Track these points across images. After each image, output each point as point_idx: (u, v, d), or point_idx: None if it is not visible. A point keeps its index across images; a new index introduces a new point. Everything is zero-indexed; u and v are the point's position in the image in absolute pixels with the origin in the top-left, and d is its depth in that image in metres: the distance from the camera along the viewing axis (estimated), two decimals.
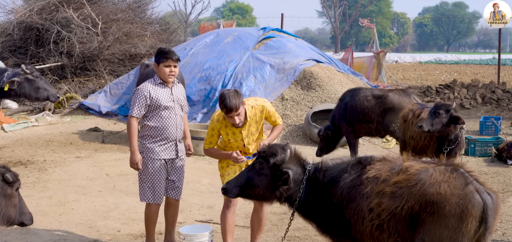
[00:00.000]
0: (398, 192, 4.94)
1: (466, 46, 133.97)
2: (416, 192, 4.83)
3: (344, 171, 5.39)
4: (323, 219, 5.53)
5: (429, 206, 4.76)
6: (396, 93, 11.94)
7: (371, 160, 5.36)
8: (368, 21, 31.78)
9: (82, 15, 22.47)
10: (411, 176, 4.95)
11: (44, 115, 17.64)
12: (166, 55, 7.04)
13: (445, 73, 40.34)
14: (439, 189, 4.77)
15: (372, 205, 5.05)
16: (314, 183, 5.58)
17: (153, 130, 7.06)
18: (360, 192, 5.17)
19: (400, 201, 4.90)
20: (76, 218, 8.66)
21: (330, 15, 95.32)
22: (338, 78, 17.27)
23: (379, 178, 5.10)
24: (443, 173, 4.88)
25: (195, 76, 17.33)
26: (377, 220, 5.01)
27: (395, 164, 5.19)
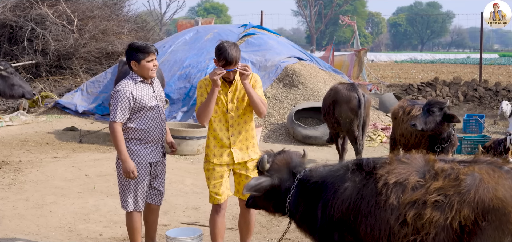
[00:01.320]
0: (444, 200, 4.34)
1: (439, 46, 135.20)
2: (471, 200, 4.27)
3: (343, 179, 4.78)
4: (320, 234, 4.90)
5: (489, 214, 4.25)
6: (343, 86, 11.77)
7: (376, 163, 4.74)
8: (349, 19, 31.63)
9: (57, 12, 21.97)
10: (460, 182, 4.37)
11: (18, 115, 17.14)
12: (146, 49, 6.36)
13: (422, 72, 40.44)
14: (496, 193, 4.27)
15: (407, 217, 4.40)
16: (304, 191, 5.04)
17: (138, 132, 6.42)
18: (378, 204, 4.53)
19: (450, 211, 4.32)
20: (55, 221, 8.24)
21: (305, 14, 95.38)
22: (320, 75, 17.02)
23: (405, 184, 4.48)
24: (491, 174, 4.37)
25: (174, 74, 16.97)
26: (416, 235, 4.39)
27: (418, 165, 4.60)
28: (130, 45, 6.50)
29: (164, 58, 17.69)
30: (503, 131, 16.33)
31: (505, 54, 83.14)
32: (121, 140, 6.30)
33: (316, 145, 14.37)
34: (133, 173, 6.32)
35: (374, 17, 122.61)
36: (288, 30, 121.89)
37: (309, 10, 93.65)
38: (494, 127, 17.38)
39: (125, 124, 6.40)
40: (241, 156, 6.43)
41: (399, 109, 10.01)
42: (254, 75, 6.45)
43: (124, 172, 6.34)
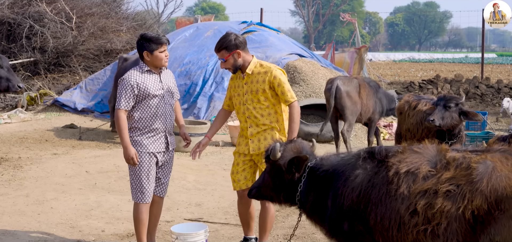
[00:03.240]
0: (456, 190, 4.24)
1: (437, 45, 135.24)
2: (484, 189, 4.17)
3: (354, 167, 4.68)
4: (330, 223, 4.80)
5: (502, 203, 4.14)
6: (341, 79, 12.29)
7: (388, 151, 4.62)
8: (349, 16, 31.50)
9: (56, 9, 21.81)
10: (472, 170, 4.25)
11: (16, 112, 17.01)
12: (159, 40, 6.33)
13: (421, 71, 40.35)
14: (510, 181, 4.16)
15: (417, 207, 4.32)
16: (315, 180, 4.95)
17: (141, 122, 6.38)
18: (389, 193, 4.44)
19: (462, 200, 4.21)
20: (56, 218, 8.09)
21: (303, 14, 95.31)
22: (322, 72, 16.87)
23: (416, 173, 4.38)
24: (504, 162, 4.26)
25: (174, 71, 16.81)
26: (427, 225, 4.30)
27: (430, 155, 4.48)
28: (142, 36, 6.48)
29: None
30: (506, 128, 16.25)
31: (503, 54, 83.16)
32: (124, 127, 6.31)
33: (318, 142, 14.13)
34: (134, 159, 6.30)
35: (372, 17, 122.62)
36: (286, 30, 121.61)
37: (307, 10, 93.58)
38: (496, 124, 17.29)
39: (130, 113, 6.38)
40: (258, 146, 6.43)
41: (405, 104, 9.86)
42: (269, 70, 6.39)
43: (125, 158, 6.37)
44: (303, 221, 5.49)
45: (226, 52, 6.30)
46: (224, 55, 6.31)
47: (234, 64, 6.35)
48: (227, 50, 6.30)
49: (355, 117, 12.14)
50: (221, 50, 6.32)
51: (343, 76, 13.26)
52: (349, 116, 11.96)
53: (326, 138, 14.27)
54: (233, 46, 6.29)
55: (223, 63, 6.36)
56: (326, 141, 14.28)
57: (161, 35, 6.52)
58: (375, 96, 12.38)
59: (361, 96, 12.12)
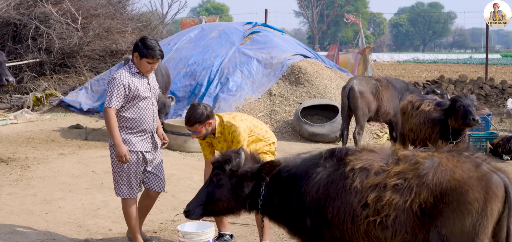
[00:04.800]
0: (403, 184, 4.46)
1: (441, 46, 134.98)
2: (430, 182, 4.37)
3: (316, 166, 4.88)
4: (294, 221, 4.97)
5: (447, 195, 4.33)
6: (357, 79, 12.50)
7: (348, 150, 4.87)
8: (354, 17, 31.52)
9: (61, 10, 21.90)
10: (419, 165, 4.48)
11: (23, 113, 17.11)
12: (152, 52, 6.52)
13: (425, 72, 40.29)
14: (454, 175, 4.36)
15: (367, 200, 4.53)
16: (278, 183, 5.06)
17: (130, 121, 6.60)
18: (345, 187, 4.66)
19: (409, 193, 4.42)
20: (63, 217, 8.17)
21: (307, 15, 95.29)
22: (326, 73, 16.94)
23: (369, 169, 4.62)
24: (450, 158, 4.49)
25: (179, 72, 16.92)
26: (376, 217, 4.51)
27: (384, 153, 4.75)
28: (142, 39, 6.68)
29: (169, 56, 17.64)
30: (510, 128, 16.28)
31: (507, 54, 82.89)
32: (114, 125, 6.49)
33: (323, 142, 14.30)
34: (126, 157, 6.48)
35: (376, 18, 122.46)
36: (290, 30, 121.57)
37: (311, 11, 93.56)
38: (501, 124, 17.30)
39: (119, 113, 6.58)
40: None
41: (408, 104, 9.94)
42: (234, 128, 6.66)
43: (117, 156, 6.51)
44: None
45: (199, 125, 6.52)
46: (197, 128, 6.53)
47: (205, 134, 6.63)
48: (200, 123, 6.51)
49: (366, 119, 12.20)
50: (194, 125, 6.51)
51: (362, 77, 13.34)
52: (361, 118, 12.03)
53: (331, 139, 14.34)
54: (204, 119, 6.50)
55: (196, 134, 6.59)
56: (330, 141, 14.35)
57: (159, 48, 6.63)
58: (398, 98, 12.14)
59: (380, 98, 12.08)
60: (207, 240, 6.59)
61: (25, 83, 20.62)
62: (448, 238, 4.34)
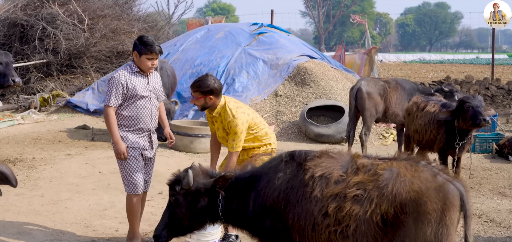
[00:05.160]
0: (363, 194, 4.51)
1: (448, 46, 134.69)
2: (389, 194, 4.44)
3: (276, 170, 4.93)
4: (254, 224, 5.03)
5: (407, 206, 4.41)
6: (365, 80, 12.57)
7: (307, 155, 4.90)
8: (360, 17, 31.52)
9: (68, 11, 21.98)
10: (378, 176, 4.54)
11: (30, 114, 17.17)
12: (150, 47, 6.67)
13: (431, 72, 40.27)
14: (412, 186, 4.44)
15: (328, 210, 4.58)
16: (237, 189, 5.12)
17: (127, 120, 6.76)
18: (305, 195, 4.70)
19: (369, 204, 4.48)
20: (70, 217, 8.22)
21: (313, 15, 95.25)
22: (332, 74, 16.96)
23: (329, 178, 4.66)
24: (408, 168, 4.56)
25: (186, 73, 16.97)
26: (337, 227, 4.56)
27: (344, 161, 4.78)
28: (139, 37, 6.86)
29: (175, 56, 17.69)
30: None
31: None
32: (113, 123, 6.66)
33: (329, 143, 14.32)
34: (124, 154, 6.65)
35: (382, 18, 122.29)
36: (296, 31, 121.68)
37: (317, 11, 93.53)
38: (507, 125, 17.30)
39: (117, 111, 6.74)
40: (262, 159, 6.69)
41: (413, 106, 9.96)
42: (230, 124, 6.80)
43: (115, 153, 6.71)
44: None
45: (200, 94, 6.71)
46: (197, 95, 6.72)
47: (203, 105, 6.81)
48: (201, 93, 6.70)
49: (373, 120, 12.24)
50: (196, 91, 6.72)
51: (370, 78, 13.35)
52: (368, 119, 12.07)
53: (337, 139, 14.37)
54: (207, 92, 6.68)
55: (194, 100, 6.80)
56: (336, 142, 14.37)
57: (156, 44, 6.78)
58: (407, 100, 11.98)
59: (388, 99, 12.11)
60: (213, 241, 6.64)
61: (32, 84, 20.71)
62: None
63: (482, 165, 12.16)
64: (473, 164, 11.74)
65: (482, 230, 8.05)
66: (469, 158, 10.63)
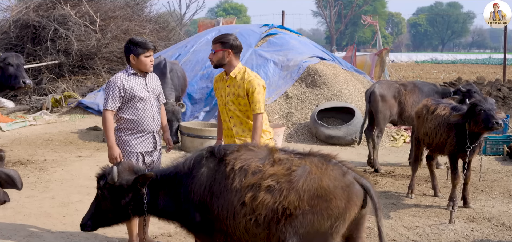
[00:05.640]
0: (276, 186, 4.83)
1: (460, 46, 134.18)
2: (299, 188, 4.76)
3: (200, 166, 5.18)
4: (185, 218, 5.26)
5: (312, 200, 4.75)
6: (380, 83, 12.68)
7: (227, 149, 5.18)
8: (371, 18, 31.48)
9: (80, 12, 22.10)
10: (291, 171, 4.86)
11: (42, 114, 17.27)
12: (145, 45, 6.80)
13: (443, 72, 40.17)
14: (321, 183, 4.77)
15: (245, 199, 4.88)
16: (162, 186, 5.34)
17: (129, 123, 6.81)
18: (226, 186, 4.99)
19: (279, 195, 4.80)
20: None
21: (325, 15, 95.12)
22: (343, 75, 16.94)
23: (247, 169, 4.96)
24: (320, 166, 4.88)
25: (196, 74, 17.00)
26: (252, 215, 4.87)
27: (262, 153, 5.10)
28: (129, 40, 6.94)
29: (186, 58, 17.72)
30: None
31: None
32: (110, 127, 6.71)
33: (339, 145, 14.31)
34: (117, 159, 6.63)
35: (394, 18, 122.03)
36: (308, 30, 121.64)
37: (329, 11, 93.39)
38: None
39: (117, 114, 6.80)
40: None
41: (423, 108, 9.90)
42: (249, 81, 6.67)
43: (109, 157, 6.74)
44: None
45: (219, 46, 6.65)
46: (217, 48, 6.66)
47: (220, 60, 6.68)
48: (221, 45, 6.64)
49: (386, 123, 12.25)
50: (216, 43, 6.68)
51: (386, 81, 13.39)
52: (381, 121, 12.10)
53: (347, 141, 14.35)
54: (228, 45, 6.63)
55: (212, 54, 6.69)
56: (347, 144, 14.36)
57: (148, 41, 6.90)
58: None
59: (404, 102, 12.14)
60: None
61: (44, 85, 20.82)
62: (304, 236, 4.73)
63: (493, 168, 12.12)
64: (484, 167, 11.70)
65: (492, 234, 8.03)
66: (480, 161, 10.59)
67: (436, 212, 8.97)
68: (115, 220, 5.53)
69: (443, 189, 10.18)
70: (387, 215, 8.75)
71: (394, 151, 13.79)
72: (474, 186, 10.46)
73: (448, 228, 8.15)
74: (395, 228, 8.16)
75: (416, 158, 10.12)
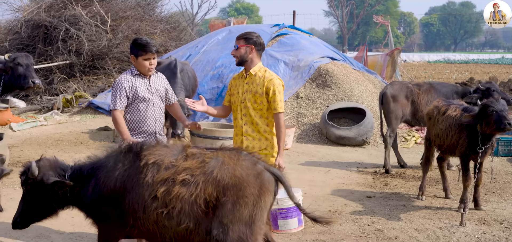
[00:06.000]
0: (191, 179, 5.02)
1: (473, 46, 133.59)
2: (213, 179, 4.97)
3: (117, 161, 5.35)
4: (95, 211, 5.46)
5: (228, 190, 4.95)
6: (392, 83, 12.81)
7: (143, 145, 5.37)
8: (382, 18, 31.37)
9: (91, 12, 22.15)
10: (204, 163, 5.07)
11: (52, 115, 17.31)
12: (144, 48, 6.73)
13: (455, 73, 39.99)
14: (235, 172, 4.99)
15: (157, 193, 5.06)
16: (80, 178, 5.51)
17: (130, 123, 6.80)
18: (139, 181, 5.17)
19: (195, 188, 4.99)
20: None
21: (337, 14, 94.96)
22: (354, 76, 16.86)
23: (160, 164, 5.16)
24: (232, 157, 5.10)
25: (207, 74, 16.97)
26: (164, 209, 5.04)
27: (176, 150, 5.29)
28: (134, 40, 6.94)
29: (196, 58, 17.70)
30: None
31: None
32: (122, 125, 6.70)
33: (350, 145, 14.26)
34: None
35: (406, 17, 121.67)
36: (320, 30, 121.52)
37: (341, 10, 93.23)
38: None
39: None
40: (252, 146, 6.75)
41: (434, 109, 9.83)
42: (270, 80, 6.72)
43: None
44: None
45: (243, 42, 6.75)
46: (240, 43, 6.75)
47: (243, 56, 6.78)
48: (245, 41, 6.74)
49: (398, 123, 12.24)
50: (240, 39, 6.77)
51: (399, 82, 13.40)
52: (392, 121, 12.18)
53: (358, 142, 14.29)
54: (251, 42, 6.74)
55: (235, 50, 6.78)
56: (357, 145, 14.30)
57: (152, 44, 6.84)
58: None
59: (417, 102, 12.15)
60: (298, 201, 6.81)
61: (55, 85, 20.87)
62: (228, 226, 4.92)
63: (505, 169, 12.02)
64: (496, 168, 11.60)
65: (503, 236, 7.94)
66: (491, 162, 10.50)
67: (447, 214, 8.90)
68: (42, 215, 5.69)
69: (454, 191, 10.10)
70: (397, 217, 8.70)
71: (405, 152, 13.71)
72: (485, 187, 10.38)
73: (459, 231, 8.08)
74: (405, 230, 8.09)
75: (427, 159, 10.07)
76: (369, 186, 10.71)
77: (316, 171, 11.87)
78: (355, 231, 8.08)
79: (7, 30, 22.94)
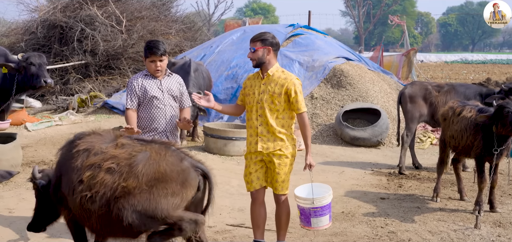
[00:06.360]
0: (116, 168, 5.30)
1: (491, 46, 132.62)
2: (138, 172, 5.24)
3: (63, 149, 5.78)
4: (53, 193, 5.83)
5: (149, 182, 5.24)
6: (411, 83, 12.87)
7: (81, 135, 5.72)
8: (398, 18, 31.20)
9: (106, 12, 22.19)
10: (132, 156, 5.34)
11: (68, 114, 17.34)
12: (150, 50, 6.91)
13: (473, 73, 39.71)
14: (159, 167, 5.28)
15: (83, 177, 5.34)
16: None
17: (141, 121, 6.97)
18: (70, 166, 5.48)
19: (119, 177, 5.26)
20: None
21: (354, 14, 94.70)
22: (369, 76, 16.76)
23: (90, 150, 5.45)
24: (159, 152, 5.38)
25: (221, 74, 16.96)
26: (88, 192, 5.31)
27: (107, 137, 5.60)
28: (147, 41, 7.12)
29: (211, 58, 17.68)
30: None
31: None
32: (133, 123, 6.81)
33: (365, 146, 14.18)
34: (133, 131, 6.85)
35: (424, 17, 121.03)
36: (336, 30, 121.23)
37: (358, 10, 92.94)
38: None
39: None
40: (267, 146, 6.72)
41: (449, 111, 9.74)
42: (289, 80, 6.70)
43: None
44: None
45: (260, 44, 6.67)
46: (257, 46, 6.67)
47: (260, 58, 6.70)
48: (262, 42, 6.67)
49: (415, 123, 12.18)
50: (256, 41, 6.69)
51: (419, 82, 13.29)
52: (409, 121, 12.23)
53: (373, 143, 14.22)
54: (268, 43, 6.69)
55: (252, 53, 6.71)
56: (372, 145, 14.22)
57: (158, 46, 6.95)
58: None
59: (435, 103, 12.11)
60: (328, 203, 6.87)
61: (71, 85, 20.92)
62: (141, 213, 5.20)
63: None
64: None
65: None
66: (508, 164, 10.38)
67: (462, 217, 8.81)
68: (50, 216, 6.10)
69: (469, 193, 10.00)
70: (411, 219, 8.61)
71: (421, 153, 13.60)
72: (501, 189, 10.27)
73: (474, 233, 7.99)
74: (419, 233, 8.01)
75: (442, 161, 9.96)
76: (383, 188, 10.63)
77: (330, 172, 11.80)
78: (368, 233, 8.02)
79: (24, 30, 23.02)
